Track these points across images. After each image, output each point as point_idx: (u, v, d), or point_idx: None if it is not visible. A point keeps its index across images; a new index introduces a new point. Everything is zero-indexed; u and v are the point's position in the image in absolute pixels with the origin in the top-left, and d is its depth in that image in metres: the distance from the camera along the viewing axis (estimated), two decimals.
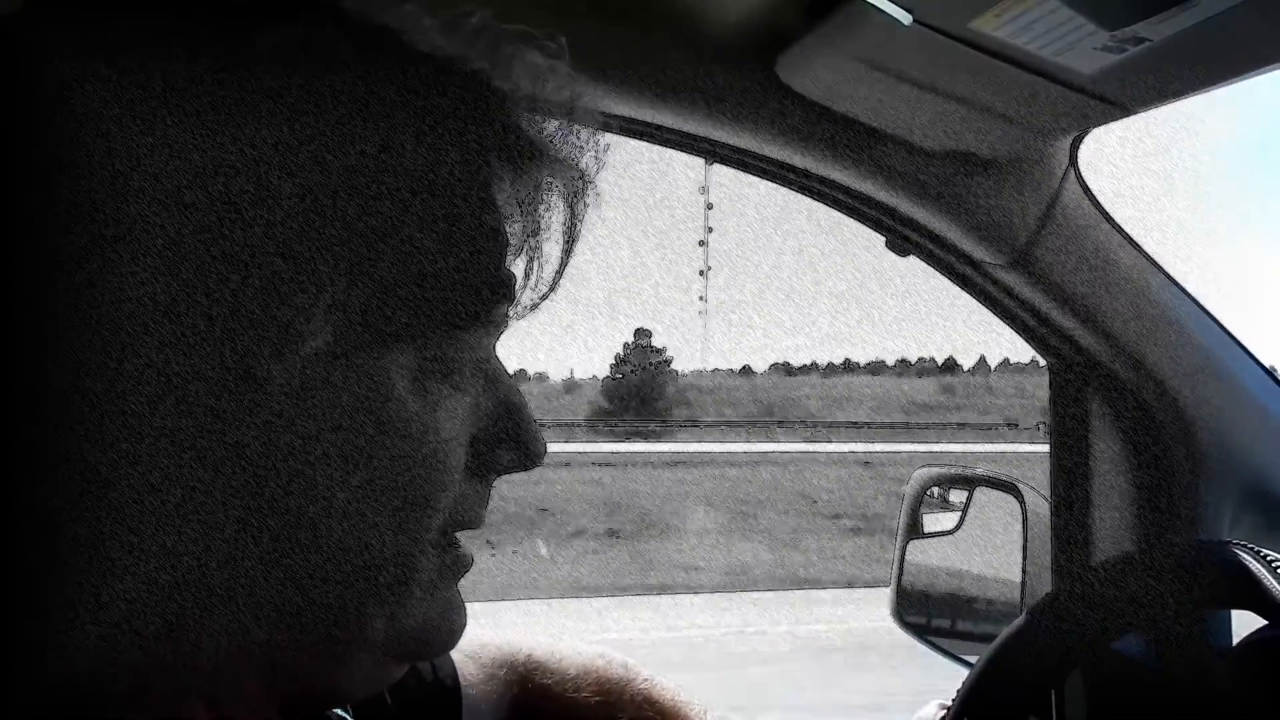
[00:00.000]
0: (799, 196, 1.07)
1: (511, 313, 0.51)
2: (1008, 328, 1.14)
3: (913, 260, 1.10)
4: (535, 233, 0.51)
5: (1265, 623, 0.89)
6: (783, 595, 10.46)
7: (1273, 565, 0.86)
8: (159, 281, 0.40)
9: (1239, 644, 0.98)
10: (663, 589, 10.86)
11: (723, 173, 1.06)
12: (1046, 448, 1.15)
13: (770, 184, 1.07)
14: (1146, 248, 1.04)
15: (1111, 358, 1.06)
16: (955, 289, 1.12)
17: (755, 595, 10.43)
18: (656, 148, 1.01)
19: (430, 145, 0.45)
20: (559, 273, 0.52)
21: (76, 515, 0.40)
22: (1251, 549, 0.87)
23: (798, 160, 1.00)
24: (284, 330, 0.42)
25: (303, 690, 0.49)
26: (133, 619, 0.43)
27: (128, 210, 0.39)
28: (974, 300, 1.11)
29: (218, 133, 0.41)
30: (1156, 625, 0.98)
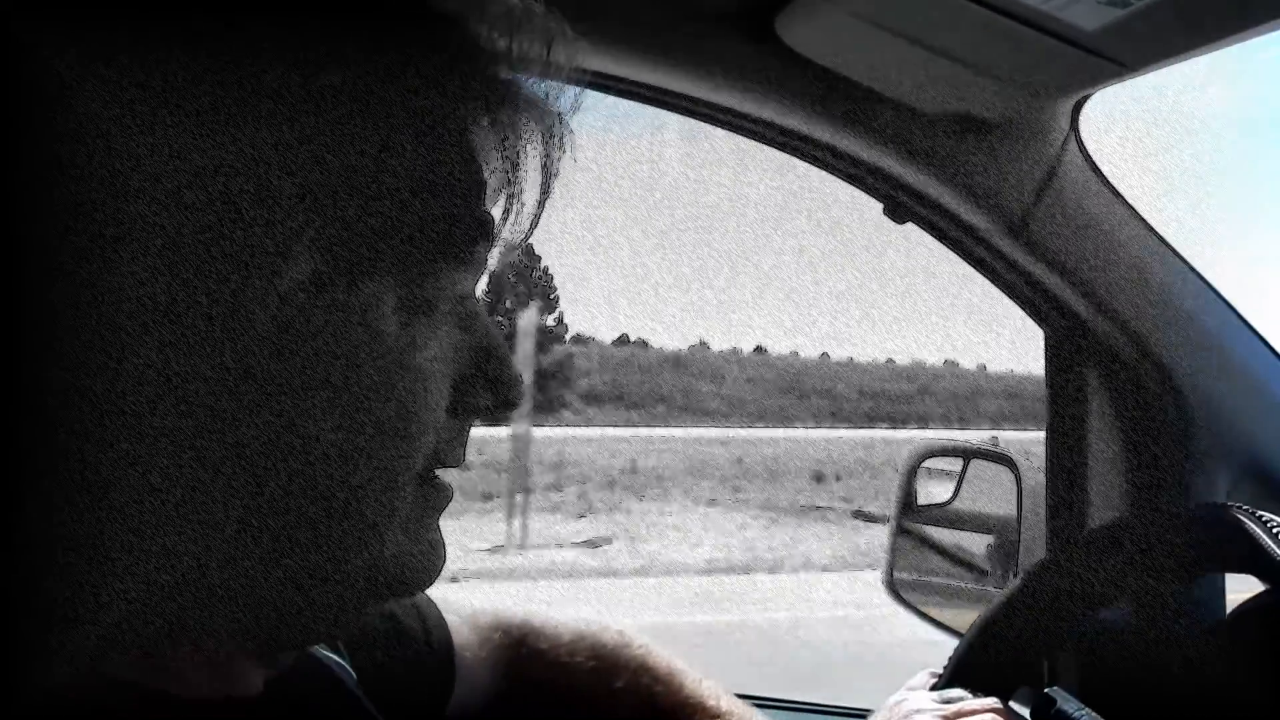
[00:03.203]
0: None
1: (491, 255, 0.52)
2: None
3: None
4: (513, 173, 0.51)
5: (1264, 586, 0.89)
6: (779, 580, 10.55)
7: (1270, 528, 0.85)
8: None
9: (1236, 608, 0.97)
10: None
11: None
12: None
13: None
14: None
15: (1108, 326, 1.06)
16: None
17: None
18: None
19: (409, 88, 0.46)
20: (537, 215, 0.53)
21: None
22: (1249, 511, 0.86)
23: (795, 123, 0.99)
24: (267, 262, 0.42)
25: (281, 625, 0.50)
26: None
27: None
28: (969, 289, 1.10)
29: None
30: (1151, 590, 0.98)
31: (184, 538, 0.43)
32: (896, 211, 1.05)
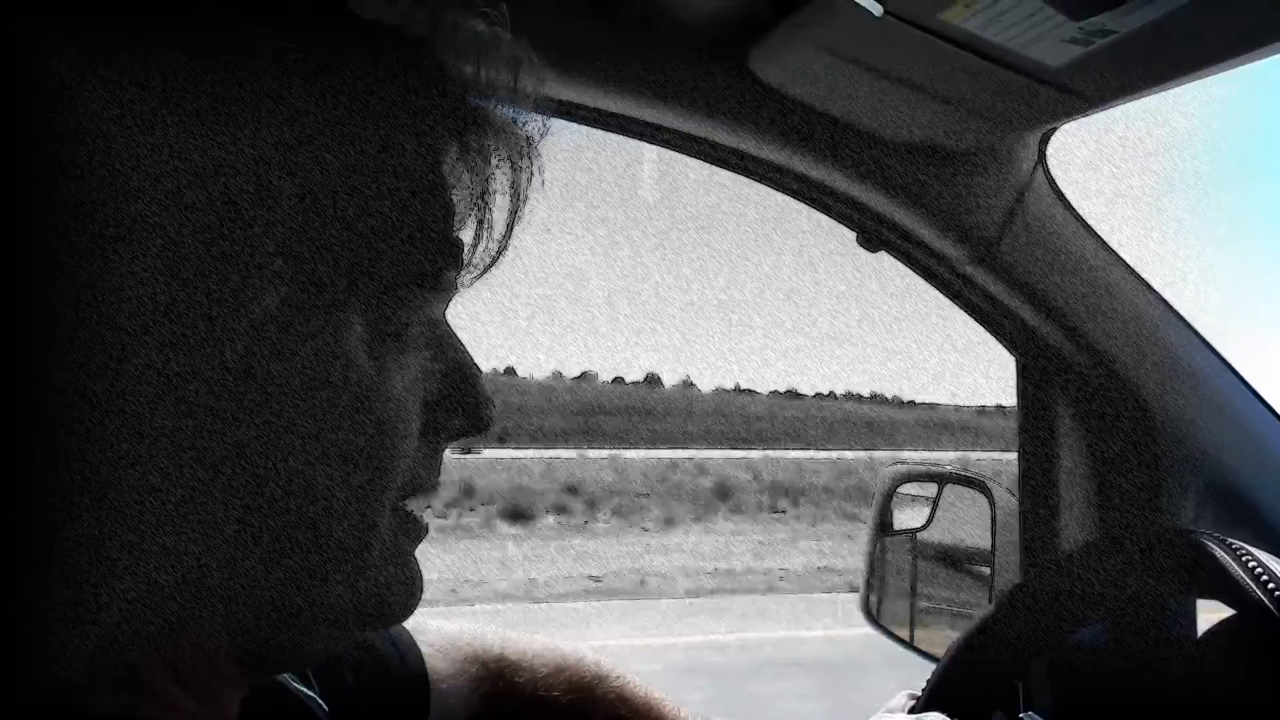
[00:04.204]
0: (795, 201, 1.07)
1: (459, 279, 0.52)
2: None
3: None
4: (482, 198, 0.51)
5: (1231, 612, 0.90)
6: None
7: (1239, 555, 0.86)
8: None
9: (1204, 633, 0.99)
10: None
11: (720, 173, 1.07)
12: None
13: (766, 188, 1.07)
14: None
15: (1077, 353, 1.07)
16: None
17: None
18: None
19: (377, 114, 0.46)
20: (505, 239, 0.53)
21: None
22: (1218, 538, 0.88)
23: (768, 154, 1.01)
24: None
25: (260, 652, 0.49)
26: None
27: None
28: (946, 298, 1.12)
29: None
30: (1123, 614, 0.99)
31: (182, 539, 0.43)
32: (869, 240, 1.07)
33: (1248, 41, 0.77)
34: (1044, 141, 1.01)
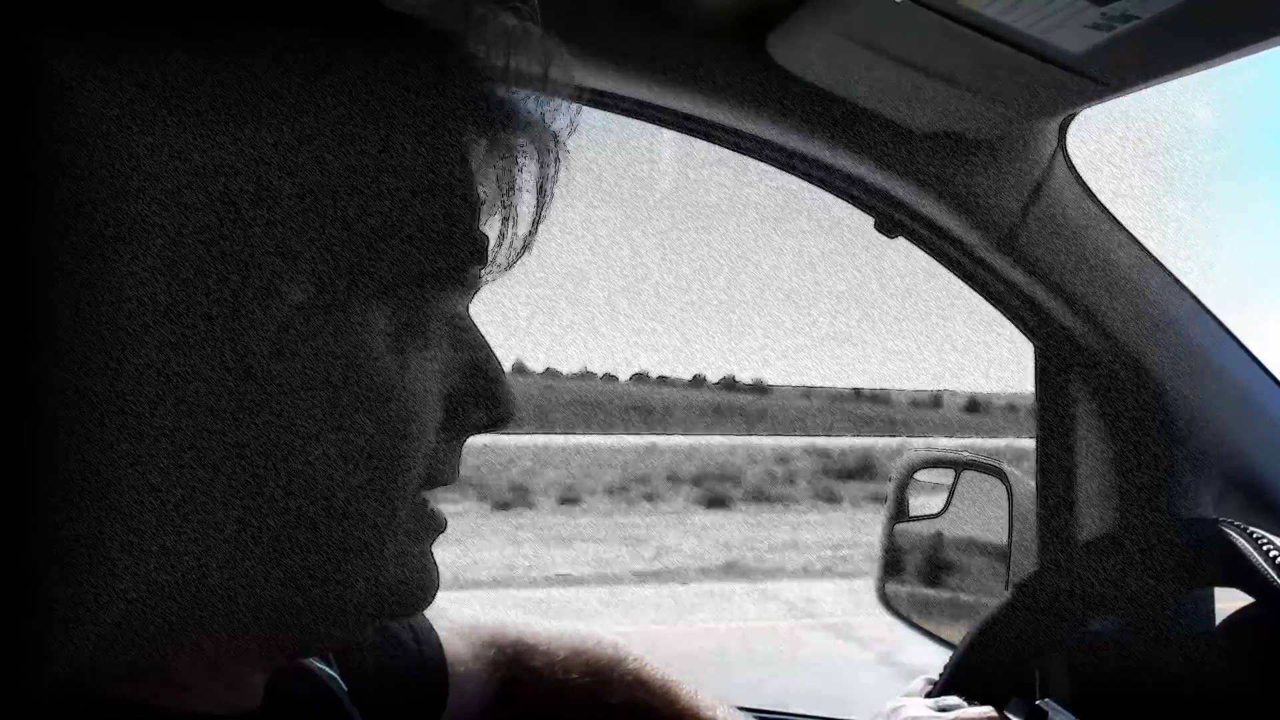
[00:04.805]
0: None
1: (484, 274, 0.52)
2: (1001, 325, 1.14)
3: (911, 262, 1.10)
4: (509, 194, 0.51)
5: (1251, 600, 0.90)
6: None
7: (1259, 543, 0.86)
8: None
9: (1224, 621, 0.98)
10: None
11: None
12: None
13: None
14: (1147, 246, 1.05)
15: (1095, 339, 1.06)
16: (954, 291, 1.12)
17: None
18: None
19: (405, 107, 0.46)
20: (530, 235, 0.53)
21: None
22: (1238, 526, 0.87)
23: (786, 139, 1.00)
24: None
25: (280, 639, 0.50)
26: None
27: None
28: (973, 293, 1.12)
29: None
30: (1141, 603, 0.99)
31: (184, 538, 0.43)
32: (887, 226, 1.07)
33: (1271, 26, 0.76)
34: (1064, 128, 1.00)
